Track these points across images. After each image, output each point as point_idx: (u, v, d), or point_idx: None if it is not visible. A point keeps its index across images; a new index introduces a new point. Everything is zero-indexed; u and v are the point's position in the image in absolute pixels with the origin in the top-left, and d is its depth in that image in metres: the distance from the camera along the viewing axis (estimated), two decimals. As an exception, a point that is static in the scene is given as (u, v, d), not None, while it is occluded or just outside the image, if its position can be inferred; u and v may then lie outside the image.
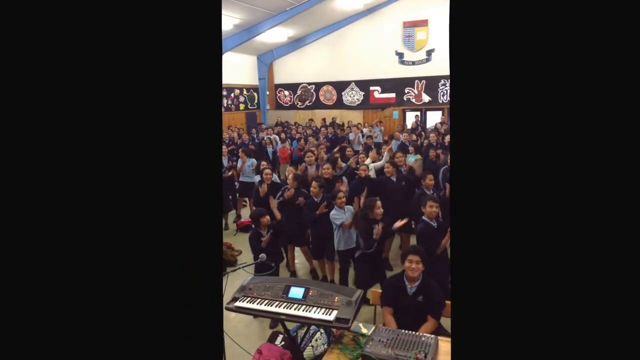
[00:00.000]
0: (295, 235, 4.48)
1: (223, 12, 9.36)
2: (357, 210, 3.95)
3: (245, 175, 6.45)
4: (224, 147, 7.11)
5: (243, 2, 9.05)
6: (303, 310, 2.36)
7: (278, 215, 4.27)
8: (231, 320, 3.63)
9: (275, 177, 5.47)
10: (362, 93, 13.68)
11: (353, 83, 13.74)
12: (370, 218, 3.56)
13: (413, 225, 4.14)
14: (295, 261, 4.78)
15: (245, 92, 14.01)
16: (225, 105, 13.11)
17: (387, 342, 2.08)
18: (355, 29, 13.20)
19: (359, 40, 13.17)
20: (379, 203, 3.59)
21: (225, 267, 4.77)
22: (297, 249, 4.70)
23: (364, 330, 2.27)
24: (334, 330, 2.48)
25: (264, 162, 5.71)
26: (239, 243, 5.45)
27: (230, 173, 6.56)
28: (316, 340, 2.82)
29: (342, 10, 11.90)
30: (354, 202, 4.62)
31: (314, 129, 11.25)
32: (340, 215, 3.88)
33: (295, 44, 13.73)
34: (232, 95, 13.47)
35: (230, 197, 6.71)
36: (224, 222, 6.41)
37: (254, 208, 4.61)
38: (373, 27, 12.95)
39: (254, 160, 6.59)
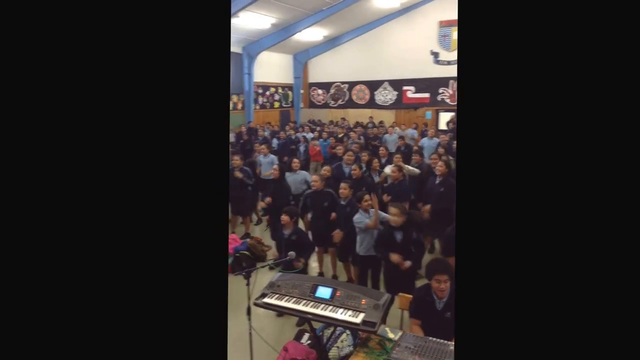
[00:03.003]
0: (320, 237, 4.50)
1: (262, 11, 9.51)
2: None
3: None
4: (264, 146, 7.11)
5: (281, 1, 9.15)
6: (330, 311, 2.37)
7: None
8: (258, 316, 3.70)
9: (305, 175, 5.51)
10: (395, 92, 13.51)
11: (386, 82, 13.60)
12: (392, 225, 3.48)
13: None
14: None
15: (280, 90, 14.18)
16: (260, 103, 13.33)
17: (415, 349, 2.05)
18: (390, 28, 13.06)
19: (394, 39, 13.02)
20: (394, 210, 3.47)
21: (255, 262, 4.86)
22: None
23: (391, 335, 2.25)
24: (360, 332, 2.48)
25: (295, 160, 5.75)
26: (270, 238, 5.53)
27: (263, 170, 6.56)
28: (342, 341, 2.83)
29: (378, 9, 11.79)
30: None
31: (347, 127, 11.24)
32: (364, 219, 3.77)
33: (331, 43, 13.75)
34: (268, 93, 13.67)
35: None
36: (255, 217, 6.50)
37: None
38: (408, 26, 12.76)
39: (274, 158, 6.59)
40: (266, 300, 2.62)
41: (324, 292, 2.55)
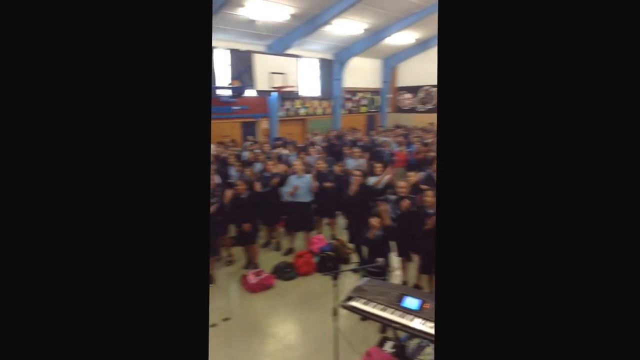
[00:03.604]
0: (403, 245, 4.41)
1: (354, 17, 9.66)
2: None
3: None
4: (361, 150, 7.16)
5: (373, 6, 9.20)
6: (418, 323, 2.34)
7: (387, 220, 4.16)
8: (342, 318, 3.77)
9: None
10: (491, 97, 12.68)
11: (481, 86, 12.83)
12: None
13: None
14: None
15: (369, 94, 14.24)
16: (348, 107, 13.52)
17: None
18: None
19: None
20: None
21: (338, 263, 4.97)
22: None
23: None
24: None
25: (377, 164, 5.73)
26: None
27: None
28: (427, 354, 2.77)
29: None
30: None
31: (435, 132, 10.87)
32: None
33: (422, 45, 13.41)
34: (355, 98, 13.82)
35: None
36: (340, 220, 6.59)
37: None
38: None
39: (362, 161, 6.56)
40: (352, 303, 2.69)
41: (411, 302, 2.53)
